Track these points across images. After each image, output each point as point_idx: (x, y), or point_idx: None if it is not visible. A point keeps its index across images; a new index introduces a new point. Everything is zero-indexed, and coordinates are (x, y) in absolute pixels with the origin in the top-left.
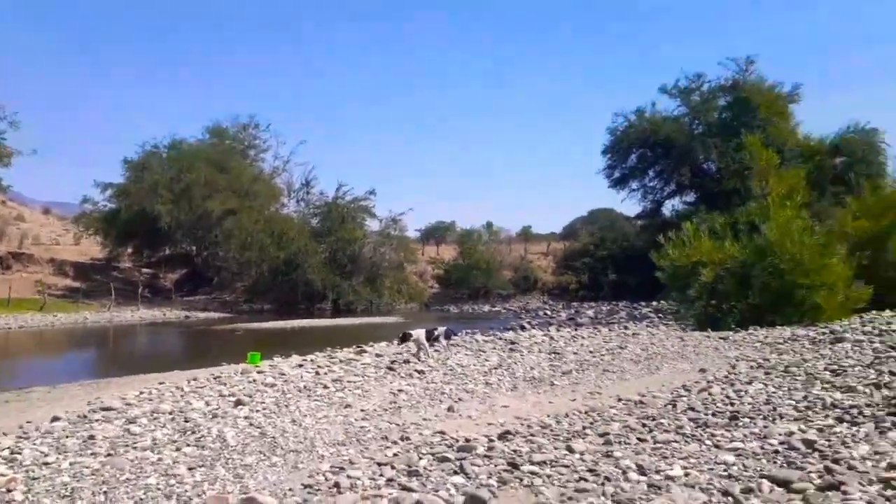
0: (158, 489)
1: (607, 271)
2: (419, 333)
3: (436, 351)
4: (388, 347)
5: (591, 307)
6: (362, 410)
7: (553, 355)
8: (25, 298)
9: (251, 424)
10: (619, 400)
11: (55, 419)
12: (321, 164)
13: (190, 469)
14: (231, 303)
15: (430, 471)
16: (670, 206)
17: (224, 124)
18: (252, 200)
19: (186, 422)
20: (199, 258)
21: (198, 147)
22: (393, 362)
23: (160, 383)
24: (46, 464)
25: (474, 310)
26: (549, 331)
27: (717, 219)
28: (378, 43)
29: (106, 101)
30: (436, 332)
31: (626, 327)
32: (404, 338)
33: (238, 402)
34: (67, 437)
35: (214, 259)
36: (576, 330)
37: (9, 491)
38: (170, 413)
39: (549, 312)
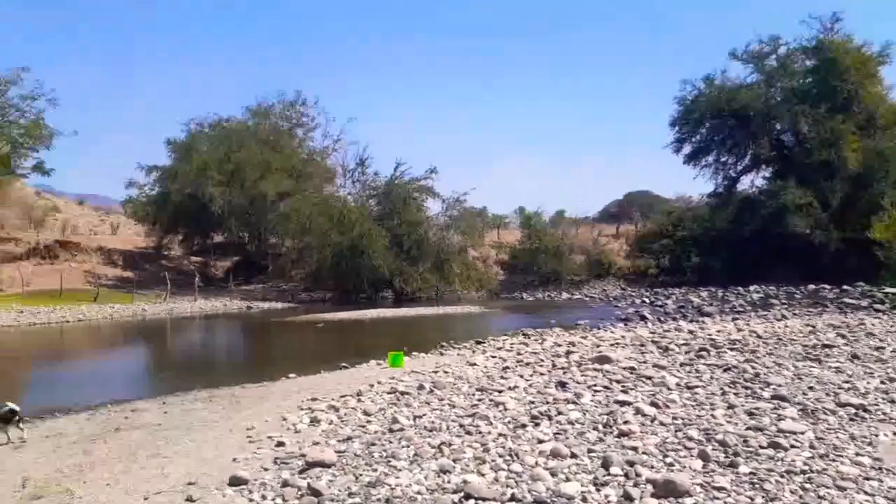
0: None
1: (689, 254)
2: None
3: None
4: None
5: (685, 292)
6: None
7: None
8: (77, 289)
9: None
10: None
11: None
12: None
13: None
14: (289, 291)
15: None
16: (747, 182)
17: (269, 102)
18: (306, 182)
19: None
20: (251, 245)
21: (244, 126)
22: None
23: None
24: None
25: (551, 297)
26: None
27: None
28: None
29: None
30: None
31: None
32: None
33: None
34: None
35: (268, 246)
36: (767, 322)
37: None
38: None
39: (645, 300)
